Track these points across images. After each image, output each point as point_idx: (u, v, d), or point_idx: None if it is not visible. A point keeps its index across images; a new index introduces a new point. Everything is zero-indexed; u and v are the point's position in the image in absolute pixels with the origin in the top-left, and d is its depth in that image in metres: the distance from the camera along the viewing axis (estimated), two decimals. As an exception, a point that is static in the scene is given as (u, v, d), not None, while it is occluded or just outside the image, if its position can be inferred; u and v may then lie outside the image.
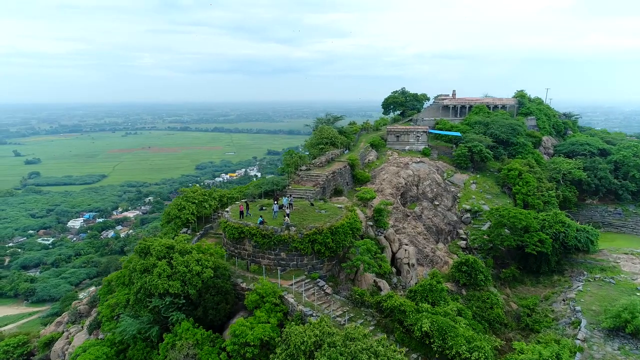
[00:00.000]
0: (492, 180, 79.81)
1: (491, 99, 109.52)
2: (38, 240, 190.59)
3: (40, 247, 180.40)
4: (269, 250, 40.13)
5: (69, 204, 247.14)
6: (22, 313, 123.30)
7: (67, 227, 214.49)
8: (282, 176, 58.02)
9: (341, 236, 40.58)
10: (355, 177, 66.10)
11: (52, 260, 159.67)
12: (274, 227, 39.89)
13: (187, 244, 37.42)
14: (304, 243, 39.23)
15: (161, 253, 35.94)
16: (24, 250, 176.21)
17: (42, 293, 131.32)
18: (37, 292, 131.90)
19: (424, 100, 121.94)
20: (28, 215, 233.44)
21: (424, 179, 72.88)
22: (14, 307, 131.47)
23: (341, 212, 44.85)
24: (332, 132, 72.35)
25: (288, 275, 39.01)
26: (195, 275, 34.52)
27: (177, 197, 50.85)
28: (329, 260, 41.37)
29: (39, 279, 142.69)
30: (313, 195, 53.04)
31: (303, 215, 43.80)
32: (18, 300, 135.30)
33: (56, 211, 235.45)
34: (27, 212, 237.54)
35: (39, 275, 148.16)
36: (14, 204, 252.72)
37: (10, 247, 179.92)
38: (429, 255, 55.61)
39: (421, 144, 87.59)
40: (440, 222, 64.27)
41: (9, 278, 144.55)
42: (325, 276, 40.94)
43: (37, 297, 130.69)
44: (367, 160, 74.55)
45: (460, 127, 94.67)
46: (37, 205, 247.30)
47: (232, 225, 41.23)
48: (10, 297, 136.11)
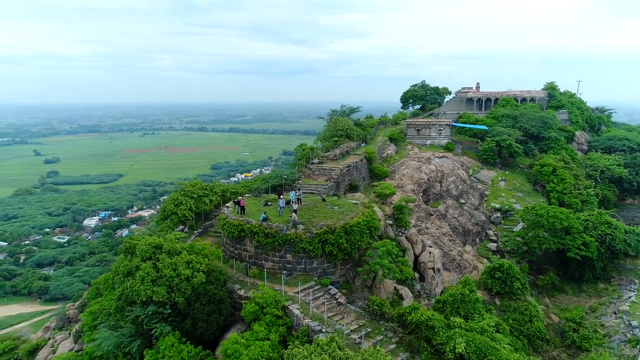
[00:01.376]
0: (523, 177, 73.02)
1: (519, 91, 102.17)
2: (54, 239, 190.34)
3: (55, 245, 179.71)
4: (272, 251, 34.72)
5: (85, 203, 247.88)
6: (35, 311, 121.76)
7: (83, 225, 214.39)
8: (291, 170, 52.58)
9: (357, 236, 34.93)
10: (372, 171, 60.29)
11: (67, 259, 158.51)
12: (278, 225, 34.48)
13: (177, 244, 32.24)
14: (314, 243, 33.73)
15: (146, 253, 30.85)
16: (40, 248, 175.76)
17: (55, 291, 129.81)
18: (50, 290, 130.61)
19: (445, 94, 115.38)
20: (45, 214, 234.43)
21: (447, 175, 66.60)
22: (27, 305, 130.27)
23: (357, 209, 39.20)
24: (347, 124, 66.66)
25: (294, 281, 33.52)
26: (184, 280, 29.29)
27: (174, 191, 45.98)
28: (343, 264, 35.75)
29: (52, 277, 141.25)
30: (325, 190, 47.49)
31: (313, 211, 38.30)
32: (32, 298, 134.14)
33: (72, 210, 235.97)
34: (44, 211, 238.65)
35: (52, 273, 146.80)
36: (31, 202, 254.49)
37: (26, 245, 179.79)
38: (456, 258, 49.45)
39: (444, 138, 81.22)
40: (467, 222, 57.95)
41: (24, 276, 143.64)
42: (337, 282, 35.33)
43: (50, 295, 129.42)
44: (385, 155, 68.64)
45: (485, 121, 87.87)
46: (54, 204, 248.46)
47: (232, 222, 35.97)
48: (25, 294, 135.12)
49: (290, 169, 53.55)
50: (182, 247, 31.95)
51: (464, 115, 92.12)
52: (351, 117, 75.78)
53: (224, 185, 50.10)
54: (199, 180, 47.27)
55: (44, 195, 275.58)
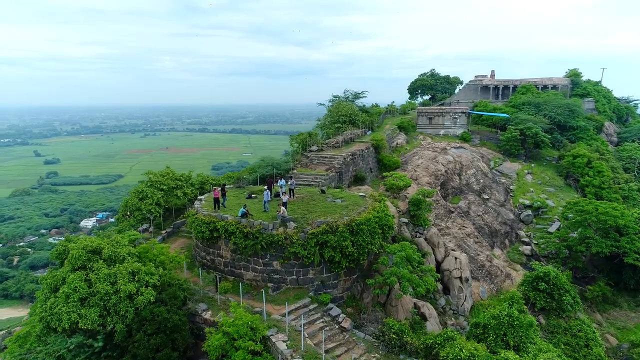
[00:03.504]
0: (552, 170, 64.25)
1: (539, 78, 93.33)
2: (49, 240, 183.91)
3: (50, 247, 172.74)
4: (254, 257, 26.23)
5: (83, 204, 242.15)
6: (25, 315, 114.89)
7: (80, 226, 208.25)
8: (285, 158, 44.16)
9: (365, 237, 26.40)
10: (381, 162, 51.71)
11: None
12: (262, 222, 26.00)
13: (125, 247, 23.75)
14: (309, 247, 25.27)
15: (78, 261, 22.44)
16: (34, 250, 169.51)
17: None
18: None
19: (457, 83, 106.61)
20: (42, 215, 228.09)
21: (467, 167, 57.94)
22: (19, 308, 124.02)
23: (365, 203, 30.66)
24: (351, 108, 58.12)
25: (283, 298, 25.04)
26: (125, 299, 20.84)
27: (140, 182, 37.64)
28: (347, 274, 27.22)
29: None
30: (326, 182, 38.98)
31: (309, 205, 29.79)
32: (23, 302, 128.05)
33: (70, 210, 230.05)
34: (41, 212, 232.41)
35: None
36: (29, 203, 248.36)
37: (20, 247, 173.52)
38: (485, 265, 40.75)
39: (459, 127, 72.56)
40: (493, 221, 49.22)
41: (16, 278, 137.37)
42: (340, 299, 26.79)
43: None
44: (394, 144, 60.05)
45: (504, 110, 79.12)
46: (51, 205, 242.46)
47: (201, 219, 27.50)
48: (16, 298, 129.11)
49: (284, 158, 45.08)
50: (129, 252, 23.45)
51: (480, 103, 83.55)
52: (356, 103, 67.21)
53: (203, 176, 41.63)
54: (171, 169, 38.83)
55: (41, 196, 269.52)
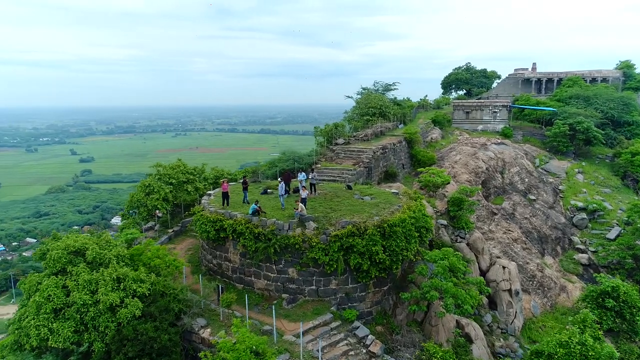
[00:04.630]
0: (606, 169, 57.66)
1: (587, 71, 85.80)
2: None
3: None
4: (267, 262, 22.18)
5: (114, 201, 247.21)
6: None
7: (111, 223, 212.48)
8: (308, 151, 40.10)
9: (400, 241, 21.88)
10: (414, 157, 46.87)
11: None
12: (276, 222, 21.92)
13: (113, 248, 20.12)
14: (331, 252, 21.01)
15: (58, 264, 18.95)
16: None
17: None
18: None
19: (494, 77, 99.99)
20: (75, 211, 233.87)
21: (510, 165, 52.32)
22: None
23: (398, 201, 26.14)
24: (382, 100, 53.49)
25: (299, 313, 20.88)
26: (105, 311, 17.16)
27: (149, 175, 34.34)
28: (377, 284, 22.78)
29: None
30: (353, 177, 34.63)
31: (332, 203, 25.52)
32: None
33: (102, 208, 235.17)
34: (74, 208, 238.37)
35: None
36: (64, 200, 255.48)
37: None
38: (536, 275, 35.35)
39: (499, 122, 66.68)
40: (542, 225, 43.54)
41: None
42: (368, 314, 22.38)
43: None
44: (429, 139, 55.03)
45: (549, 104, 72.58)
46: (84, 202, 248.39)
47: (207, 216, 23.67)
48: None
49: (308, 151, 41.01)
50: (118, 254, 19.80)
51: (522, 97, 77.13)
52: (387, 96, 62.46)
53: (218, 170, 38.02)
54: (183, 162, 35.34)
55: (75, 193, 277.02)
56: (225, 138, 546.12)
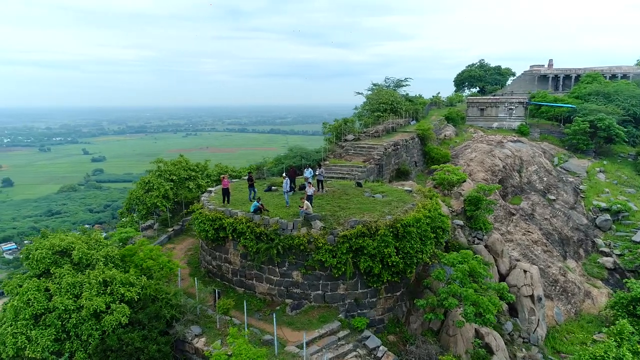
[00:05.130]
0: (629, 168, 55.16)
1: (606, 67, 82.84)
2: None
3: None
4: (269, 264, 20.43)
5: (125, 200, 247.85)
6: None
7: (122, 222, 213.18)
8: (316, 148, 38.34)
9: (414, 242, 19.99)
10: (427, 154, 44.82)
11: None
12: (279, 220, 20.17)
13: (103, 248, 18.55)
14: (339, 254, 19.21)
15: (41, 264, 17.43)
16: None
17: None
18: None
19: (509, 75, 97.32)
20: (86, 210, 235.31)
21: (528, 163, 50.02)
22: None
23: (411, 199, 24.24)
24: (393, 96, 51.53)
25: (305, 319, 19.11)
26: (89, 318, 15.56)
27: (149, 172, 32.86)
28: (389, 290, 20.90)
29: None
30: (363, 174, 32.78)
31: (341, 200, 23.70)
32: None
33: (112, 207, 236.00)
34: (85, 207, 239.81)
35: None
36: (75, 198, 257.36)
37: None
38: (558, 279, 33.10)
39: (515, 119, 64.30)
40: (563, 226, 41.21)
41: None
42: (380, 322, 20.52)
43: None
44: (442, 136, 52.90)
45: (567, 101, 69.94)
46: (95, 201, 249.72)
47: (205, 214, 22.01)
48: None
49: (316, 148, 39.26)
50: (107, 254, 18.21)
51: (538, 94, 74.53)
52: (398, 92, 60.42)
53: (222, 166, 36.44)
54: (184, 158, 33.81)
55: (87, 192, 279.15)
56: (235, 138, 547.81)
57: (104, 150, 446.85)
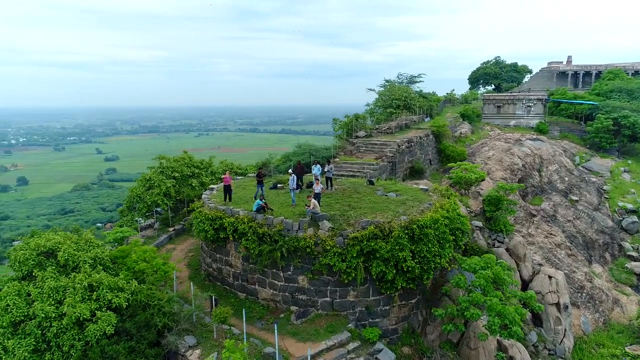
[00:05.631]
0: (656, 167, 52.29)
1: (629, 63, 79.78)
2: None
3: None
4: (272, 268, 18.81)
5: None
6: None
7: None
8: (326, 145, 36.68)
9: (432, 245, 18.20)
10: (442, 152, 42.85)
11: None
12: (283, 220, 18.54)
13: (92, 249, 17.13)
14: (349, 257, 17.51)
15: (25, 266, 16.04)
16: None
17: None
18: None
19: (525, 72, 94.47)
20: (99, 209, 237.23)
21: (548, 162, 47.72)
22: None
23: (428, 198, 22.42)
24: (407, 92, 49.61)
25: (311, 329, 17.44)
26: (72, 327, 14.10)
27: (151, 168, 31.53)
28: (404, 297, 19.12)
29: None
30: (375, 172, 31.02)
31: (351, 199, 21.97)
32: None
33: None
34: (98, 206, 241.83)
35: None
36: (88, 197, 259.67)
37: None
38: (584, 286, 30.91)
39: (534, 116, 61.94)
40: (587, 229, 38.90)
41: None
42: (393, 332, 18.75)
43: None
44: (458, 134, 50.81)
45: (588, 98, 67.22)
46: (108, 200, 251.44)
47: (205, 213, 20.47)
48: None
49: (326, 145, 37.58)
50: (95, 256, 16.76)
51: (557, 91, 71.84)
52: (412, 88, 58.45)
53: (227, 163, 34.99)
54: (188, 154, 32.43)
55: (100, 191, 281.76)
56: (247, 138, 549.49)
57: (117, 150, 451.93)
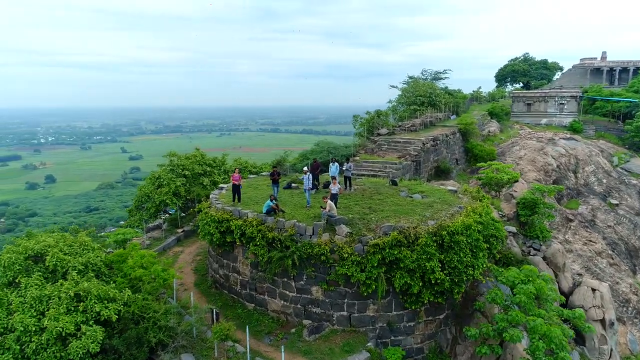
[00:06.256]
0: (703, 170, 48.23)
1: (671, 58, 74.95)
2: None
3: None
4: (283, 277, 16.91)
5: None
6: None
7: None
8: (346, 144, 34.64)
9: (464, 254, 15.99)
10: (470, 151, 40.24)
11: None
12: (296, 224, 16.61)
13: (86, 253, 15.56)
14: (369, 267, 15.45)
15: (9, 271, 14.60)
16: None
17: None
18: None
19: (556, 69, 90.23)
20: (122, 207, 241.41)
21: (584, 163, 44.48)
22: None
23: (457, 201, 20.14)
24: (432, 88, 47.09)
25: (325, 346, 15.46)
26: (54, 342, 12.50)
27: (161, 166, 30.14)
28: (431, 312, 16.94)
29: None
30: (398, 172, 28.81)
31: (372, 201, 19.88)
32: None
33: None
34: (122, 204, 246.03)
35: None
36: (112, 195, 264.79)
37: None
38: (630, 299, 27.99)
39: (567, 115, 58.44)
40: (629, 235, 35.74)
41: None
42: (419, 352, 16.59)
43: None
44: (486, 132, 48.02)
45: (626, 95, 63.17)
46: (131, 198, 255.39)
47: (211, 215, 18.73)
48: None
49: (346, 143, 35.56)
50: (87, 261, 15.17)
51: (591, 88, 67.93)
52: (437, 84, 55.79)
53: (241, 162, 33.33)
54: (200, 152, 30.90)
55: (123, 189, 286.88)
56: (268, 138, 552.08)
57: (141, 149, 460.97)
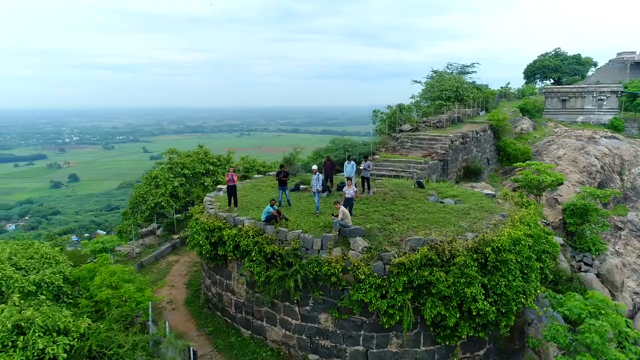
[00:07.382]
0: None
1: None
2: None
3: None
4: (285, 300, 13.76)
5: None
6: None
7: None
8: (364, 140, 31.33)
9: (513, 277, 12.52)
10: (502, 150, 36.38)
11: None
12: (301, 234, 13.43)
13: (42, 270, 12.72)
14: (392, 291, 12.13)
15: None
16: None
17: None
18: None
19: (590, 65, 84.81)
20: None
21: (630, 164, 40.10)
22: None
23: (498, 208, 16.62)
24: (459, 82, 43.31)
25: (334, 392, 12.23)
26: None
27: (159, 164, 27.48)
28: (469, 348, 13.51)
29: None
30: (423, 172, 25.34)
31: (395, 207, 16.52)
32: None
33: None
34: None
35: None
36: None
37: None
38: (699, 323, 23.80)
39: (606, 112, 53.74)
40: (688, 246, 31.28)
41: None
42: (454, 400, 13.22)
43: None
44: (518, 130, 44.02)
45: (671, 91, 57.94)
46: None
47: (202, 222, 15.71)
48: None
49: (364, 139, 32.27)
50: (41, 279, 12.33)
51: (632, 83, 62.81)
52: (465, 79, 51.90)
53: (249, 160, 30.38)
54: (204, 149, 28.09)
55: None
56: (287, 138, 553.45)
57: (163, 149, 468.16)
